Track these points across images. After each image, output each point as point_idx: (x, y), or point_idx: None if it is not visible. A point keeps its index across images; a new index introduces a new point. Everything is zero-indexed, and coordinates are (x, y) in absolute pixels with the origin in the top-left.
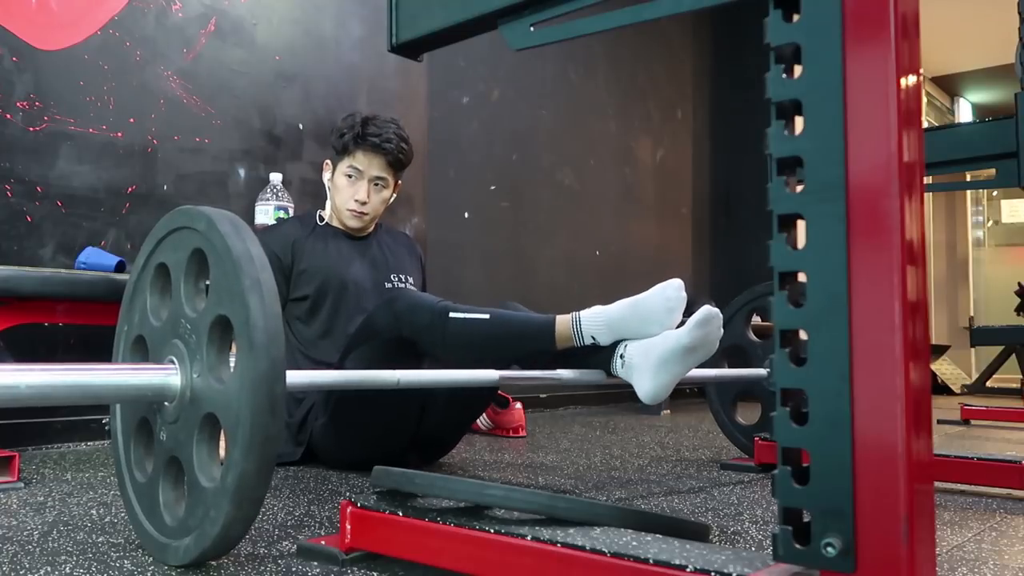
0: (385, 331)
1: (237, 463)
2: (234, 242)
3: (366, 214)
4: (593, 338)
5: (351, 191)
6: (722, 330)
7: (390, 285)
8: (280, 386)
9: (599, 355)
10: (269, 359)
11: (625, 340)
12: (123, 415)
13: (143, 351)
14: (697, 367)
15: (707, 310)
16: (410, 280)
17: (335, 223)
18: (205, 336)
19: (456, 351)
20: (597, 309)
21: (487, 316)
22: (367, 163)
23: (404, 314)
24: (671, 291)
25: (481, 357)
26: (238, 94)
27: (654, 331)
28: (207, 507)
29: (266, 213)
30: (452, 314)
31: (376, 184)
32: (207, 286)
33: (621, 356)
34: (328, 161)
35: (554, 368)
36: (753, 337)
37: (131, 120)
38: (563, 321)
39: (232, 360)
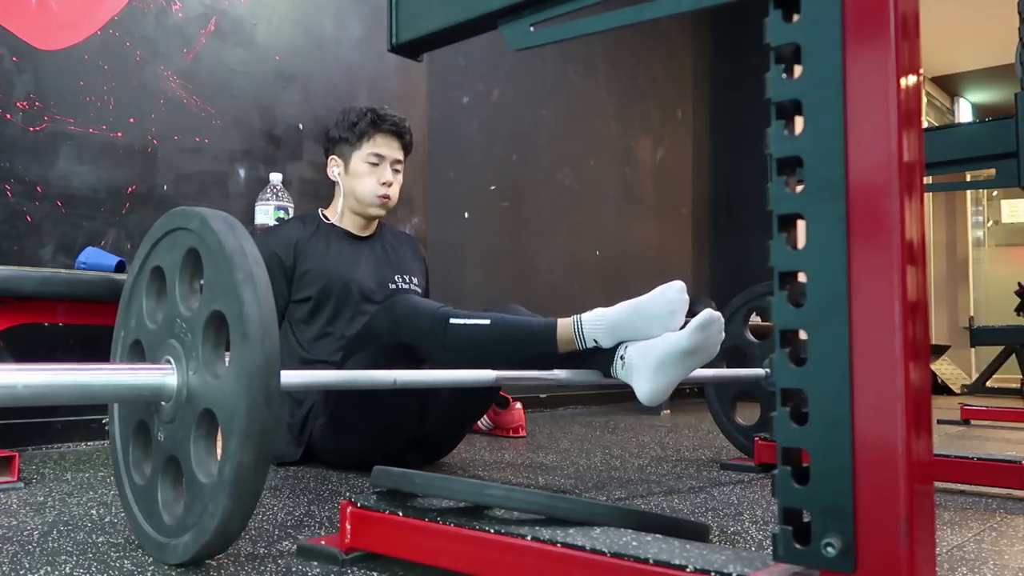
0: (385, 336)
1: (233, 455)
2: (227, 238)
3: (391, 198)
4: (595, 341)
5: (376, 176)
6: (723, 335)
7: (394, 286)
8: (275, 378)
9: (600, 357)
10: (263, 351)
11: (626, 342)
12: (121, 418)
13: (140, 355)
14: None
15: (708, 314)
16: (415, 280)
17: (344, 222)
18: (200, 333)
19: (457, 357)
20: (599, 312)
21: (487, 321)
22: (388, 147)
23: (404, 320)
24: (672, 293)
25: (482, 362)
26: (238, 94)
27: (655, 333)
28: (205, 502)
29: (266, 213)
30: (452, 320)
31: (395, 169)
32: (202, 285)
33: (621, 357)
34: (335, 156)
35: (553, 368)
36: (751, 337)
37: (131, 120)
38: (564, 324)
39: (228, 355)
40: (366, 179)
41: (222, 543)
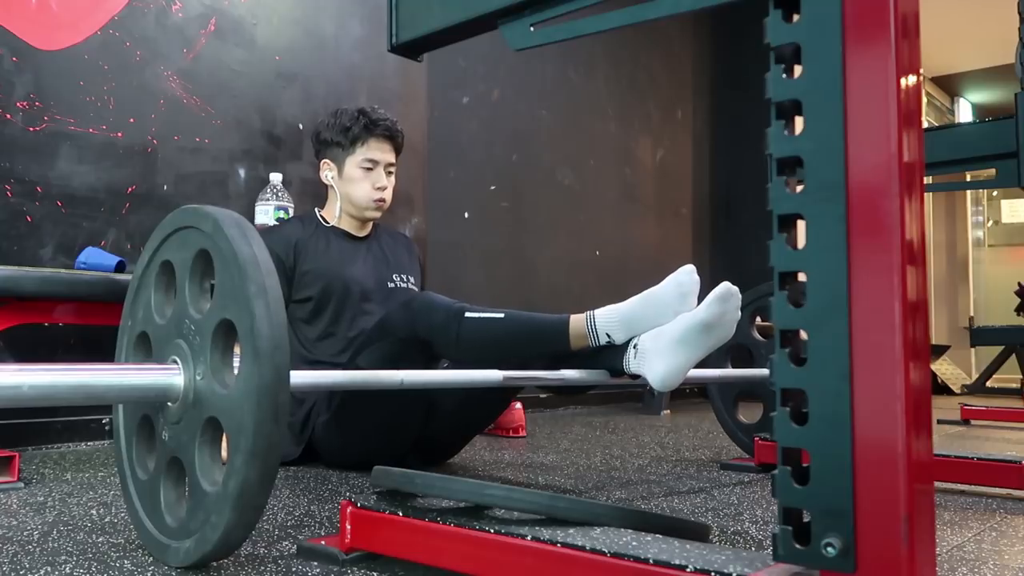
0: (400, 330)
1: (239, 471)
2: (240, 246)
3: (386, 201)
4: (608, 336)
5: (370, 181)
6: (740, 312)
7: (392, 285)
8: (284, 395)
9: (612, 354)
10: (274, 367)
11: (640, 334)
12: (125, 411)
13: (146, 348)
14: (699, 366)
15: (726, 286)
16: (411, 280)
17: (342, 224)
18: (209, 339)
19: (470, 351)
20: (611, 307)
21: (502, 316)
22: (381, 151)
23: (420, 314)
24: (683, 276)
25: (495, 358)
26: (238, 94)
27: (668, 319)
28: (208, 512)
29: (266, 213)
30: (467, 314)
31: (389, 172)
32: (212, 286)
33: (634, 347)
34: (327, 160)
35: (560, 368)
36: (758, 336)
37: (131, 120)
38: (577, 320)
39: (236, 362)
40: (361, 184)
41: (224, 552)
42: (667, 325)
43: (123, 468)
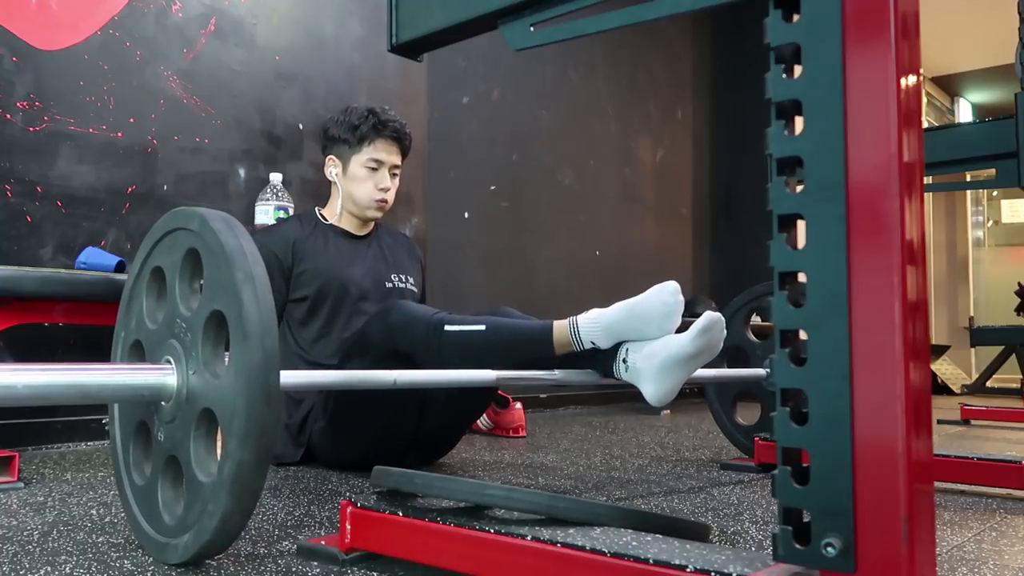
0: (379, 345)
1: (233, 454)
2: (227, 238)
3: (388, 202)
4: (593, 343)
5: (374, 181)
6: (724, 333)
7: (390, 285)
8: (274, 376)
9: (600, 358)
10: (263, 349)
11: (625, 342)
12: (121, 418)
13: (140, 355)
14: None
15: (709, 317)
16: (410, 280)
17: (342, 222)
18: (200, 332)
19: (453, 364)
20: (594, 313)
21: (483, 327)
22: (387, 152)
23: (398, 328)
24: (667, 295)
25: (480, 367)
26: (238, 94)
27: (653, 333)
28: (205, 502)
29: (266, 213)
30: (447, 327)
31: (393, 174)
32: (202, 285)
33: (624, 360)
34: (333, 157)
35: (552, 369)
36: (753, 337)
37: (131, 120)
38: (560, 327)
39: (228, 355)
40: (364, 183)
41: (222, 542)
42: (656, 346)
43: (120, 475)
